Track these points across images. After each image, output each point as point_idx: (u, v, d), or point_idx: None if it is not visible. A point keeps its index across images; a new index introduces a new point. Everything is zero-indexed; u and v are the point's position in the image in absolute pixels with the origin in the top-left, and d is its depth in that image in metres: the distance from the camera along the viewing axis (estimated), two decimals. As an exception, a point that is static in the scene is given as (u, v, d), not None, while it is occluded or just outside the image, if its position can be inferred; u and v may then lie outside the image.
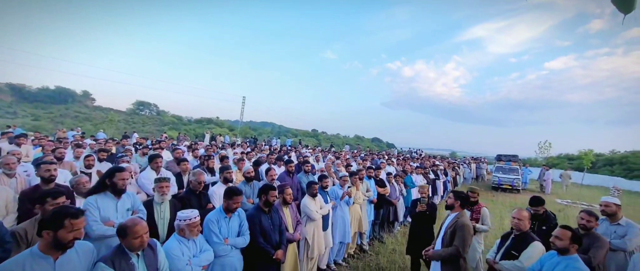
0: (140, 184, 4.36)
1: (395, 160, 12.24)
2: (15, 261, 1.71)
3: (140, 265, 2.13)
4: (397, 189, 6.58)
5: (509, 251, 2.90)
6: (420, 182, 8.02)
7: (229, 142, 17.72)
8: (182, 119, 39.84)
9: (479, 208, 4.13)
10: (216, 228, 2.83)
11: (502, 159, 16.76)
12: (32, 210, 2.98)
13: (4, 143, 6.58)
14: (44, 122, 26.33)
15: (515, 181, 14.46)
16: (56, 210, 1.86)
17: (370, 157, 13.14)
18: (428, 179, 8.84)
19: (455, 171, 12.96)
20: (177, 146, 7.79)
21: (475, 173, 17.81)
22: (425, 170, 9.27)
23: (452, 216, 3.07)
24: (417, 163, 11.21)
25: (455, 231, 2.89)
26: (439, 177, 10.09)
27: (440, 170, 10.61)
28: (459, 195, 3.10)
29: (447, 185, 10.87)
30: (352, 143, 33.95)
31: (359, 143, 38.74)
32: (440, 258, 2.96)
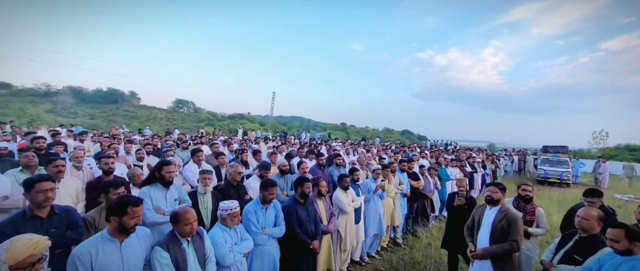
0: (185, 176, 4.70)
1: (428, 152, 11.81)
2: (89, 243, 1.96)
3: (190, 250, 2.32)
4: (431, 182, 6.37)
5: (570, 254, 2.57)
6: (457, 175, 7.68)
7: (260, 136, 18.33)
8: (217, 115, 41.89)
9: (533, 207, 3.53)
10: (254, 218, 2.97)
11: (549, 151, 15.40)
12: (96, 199, 3.37)
13: (69, 140, 7.44)
14: (99, 120, 29.28)
15: (565, 174, 13.23)
16: (120, 199, 2.08)
17: (401, 149, 12.81)
18: (465, 172, 8.43)
19: (495, 164, 12.18)
20: (214, 141, 8.24)
21: (518, 166, 16.58)
22: (461, 162, 8.84)
23: (495, 210, 2.89)
24: (452, 155, 10.72)
25: (509, 226, 2.70)
26: (476, 170, 9.57)
27: (477, 163, 10.05)
28: (504, 187, 2.92)
29: (486, 179, 10.27)
30: (381, 136, 33.31)
31: (388, 136, 37.91)
32: (494, 255, 2.75)
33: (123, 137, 9.11)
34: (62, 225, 2.37)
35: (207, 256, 2.42)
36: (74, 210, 2.55)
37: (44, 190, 2.30)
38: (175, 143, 8.40)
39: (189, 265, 2.25)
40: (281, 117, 46.84)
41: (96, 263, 1.89)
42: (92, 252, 1.90)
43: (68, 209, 2.50)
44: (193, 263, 2.29)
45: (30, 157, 3.44)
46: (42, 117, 25.41)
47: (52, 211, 2.36)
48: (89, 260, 1.88)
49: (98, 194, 3.20)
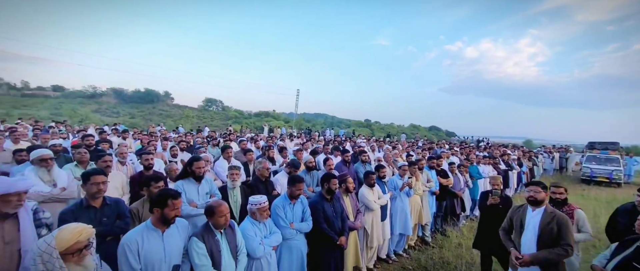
0: (216, 171, 4.93)
1: (458, 149, 11.31)
2: (136, 231, 2.14)
3: (223, 241, 2.44)
4: (461, 180, 6.12)
5: (629, 261, 2.30)
6: (489, 173, 7.29)
7: (285, 133, 18.66)
8: (243, 113, 43.22)
9: (570, 209, 3.17)
10: (282, 213, 3.05)
11: (596, 147, 14.08)
12: (139, 192, 3.65)
13: (113, 138, 8.09)
14: (138, 119, 31.46)
15: (615, 173, 12.03)
16: (161, 191, 2.25)
17: (428, 145, 12.40)
18: (498, 170, 7.98)
19: (532, 161, 11.38)
20: (242, 138, 8.54)
21: (559, 163, 15.34)
22: (495, 160, 8.37)
23: (540, 212, 2.66)
24: (484, 152, 10.18)
25: (559, 229, 2.49)
26: (511, 168, 9.02)
27: (513, 160, 9.46)
28: (546, 186, 2.70)
29: (522, 177, 9.64)
30: (407, 133, 32.45)
31: (415, 132, 36.83)
32: (545, 262, 2.54)
33: (159, 135, 9.73)
34: (112, 215, 2.60)
35: (238, 248, 2.54)
36: (122, 202, 2.79)
37: (98, 182, 2.54)
38: (206, 140, 8.83)
39: (222, 255, 2.37)
40: (305, 114, 47.26)
41: (142, 251, 2.07)
42: (138, 240, 2.08)
43: (117, 200, 2.74)
44: (226, 254, 2.41)
45: (82, 153, 3.81)
46: (90, 116, 27.87)
47: (104, 202, 2.60)
48: (136, 247, 2.05)
49: (140, 187, 3.48)
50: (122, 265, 2.02)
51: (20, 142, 5.51)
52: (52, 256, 1.46)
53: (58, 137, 6.74)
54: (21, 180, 2.10)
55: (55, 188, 3.06)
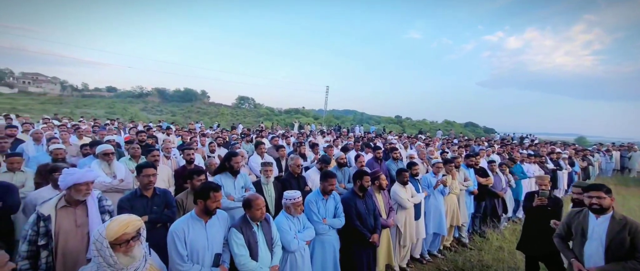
0: (250, 167, 5.14)
1: (498, 146, 10.57)
2: (182, 221, 2.33)
3: (260, 234, 2.56)
4: (503, 179, 5.73)
5: None
6: (535, 172, 6.75)
7: (315, 129, 18.84)
8: (274, 110, 44.34)
9: None
10: (315, 208, 3.11)
11: (668, 145, 12.28)
12: (183, 184, 3.95)
13: (159, 134, 8.79)
14: (178, 117, 33.77)
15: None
16: (204, 184, 2.41)
17: (464, 142, 11.74)
18: (545, 169, 7.34)
19: (587, 160, 10.28)
20: (274, 135, 8.80)
21: (620, 163, 13.65)
22: (541, 158, 7.71)
23: (606, 219, 2.38)
24: (529, 150, 9.41)
25: (634, 239, 2.23)
26: (561, 167, 8.24)
27: (563, 159, 8.63)
28: (609, 189, 2.40)
29: (573, 178, 8.77)
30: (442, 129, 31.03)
31: (449, 128, 35.05)
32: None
33: (198, 131, 10.37)
34: (161, 204, 2.86)
35: (274, 240, 2.64)
36: (169, 192, 3.04)
37: (149, 174, 2.80)
38: (240, 137, 9.23)
39: (259, 247, 2.49)
40: (334, 111, 47.24)
41: (188, 238, 2.24)
42: (185, 229, 2.26)
43: (165, 191, 2.99)
44: (262, 245, 2.53)
45: (136, 148, 4.20)
46: (138, 114, 30.52)
47: (154, 193, 2.86)
48: (183, 235, 2.23)
49: (184, 180, 3.76)
50: (171, 251, 2.21)
51: (84, 137, 6.22)
52: (103, 245, 1.62)
53: (113, 133, 7.49)
54: (89, 172, 2.38)
55: (115, 179, 3.43)
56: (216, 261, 2.30)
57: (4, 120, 9.23)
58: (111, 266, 1.64)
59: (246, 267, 2.34)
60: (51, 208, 2.27)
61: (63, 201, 2.33)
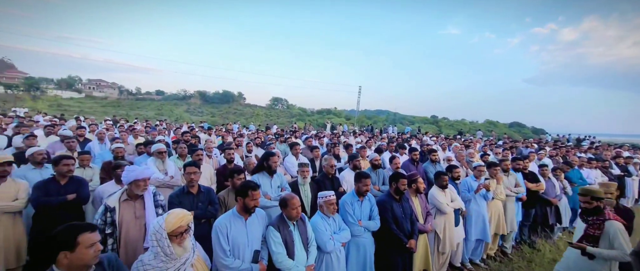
0: (286, 167, 5.28)
1: (550, 149, 9.60)
2: (225, 217, 2.47)
3: (296, 233, 2.62)
4: (556, 186, 5.20)
5: None
6: (597, 178, 6.02)
7: (347, 130, 18.75)
8: (306, 111, 44.96)
9: (599, 220, 2.62)
10: (350, 209, 3.11)
11: None
12: (224, 182, 4.19)
13: (201, 135, 9.41)
14: (217, 118, 35.79)
15: None
16: (243, 183, 2.54)
17: (510, 144, 10.84)
18: (609, 175, 6.51)
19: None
20: (307, 135, 8.94)
21: None
22: (604, 163, 6.85)
23: None
24: (589, 153, 8.41)
25: None
26: (629, 173, 7.25)
27: (635, 165, 7.58)
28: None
29: (646, 186, 7.65)
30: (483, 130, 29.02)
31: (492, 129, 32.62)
32: None
33: (236, 132, 10.91)
34: (206, 201, 3.06)
35: (309, 240, 2.69)
36: (212, 190, 3.25)
37: (193, 173, 3.02)
38: (275, 137, 9.52)
39: (295, 246, 2.55)
40: (366, 111, 46.60)
41: (230, 234, 2.38)
42: (227, 225, 2.40)
43: (209, 189, 3.21)
44: (299, 244, 2.59)
45: (183, 148, 4.55)
46: (182, 116, 32.95)
47: (199, 190, 3.08)
48: (226, 231, 2.37)
49: (225, 179, 3.98)
50: (215, 245, 2.36)
51: (139, 137, 6.88)
52: (162, 236, 1.80)
53: (162, 134, 8.18)
54: (146, 169, 2.64)
55: (166, 176, 3.75)
56: (255, 257, 2.41)
57: (74, 121, 10.56)
58: (167, 255, 1.80)
59: (283, 265, 2.41)
60: (115, 201, 2.56)
61: (125, 195, 2.61)
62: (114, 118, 14.91)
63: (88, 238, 1.52)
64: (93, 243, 1.54)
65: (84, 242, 1.50)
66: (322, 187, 3.81)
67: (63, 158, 3.10)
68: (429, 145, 7.84)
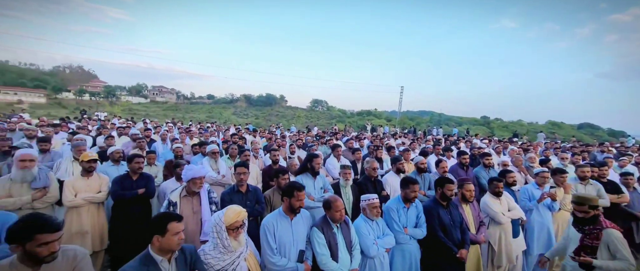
0: (327, 168, 5.33)
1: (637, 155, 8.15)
2: (272, 216, 2.59)
3: (339, 235, 2.63)
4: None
5: None
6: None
7: (388, 132, 18.24)
8: (346, 112, 44.88)
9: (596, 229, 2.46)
10: (396, 216, 3.00)
11: None
12: (269, 182, 4.40)
13: (247, 136, 9.98)
14: (261, 120, 37.62)
15: None
16: (290, 183, 2.63)
17: (580, 148, 9.46)
18: None
19: None
20: (349, 137, 8.92)
21: None
22: None
23: None
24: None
25: None
26: None
27: None
28: None
29: None
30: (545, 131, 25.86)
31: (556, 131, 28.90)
32: None
33: (279, 134, 11.33)
34: (253, 199, 3.24)
35: (353, 244, 2.68)
36: (259, 189, 3.43)
37: (242, 173, 3.22)
38: (315, 138, 9.67)
39: (339, 248, 2.56)
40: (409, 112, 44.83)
41: (276, 233, 2.48)
42: (274, 224, 2.51)
43: (256, 188, 3.39)
44: (342, 247, 2.59)
45: (233, 148, 4.88)
46: (230, 118, 35.34)
47: (248, 189, 3.27)
48: (273, 229, 2.48)
49: (270, 179, 4.17)
50: (263, 243, 2.48)
51: (194, 138, 7.56)
52: (222, 228, 1.98)
53: (214, 135, 8.86)
54: (202, 168, 2.90)
55: (218, 174, 4.07)
56: (300, 257, 2.47)
57: (141, 124, 11.99)
58: (225, 247, 1.98)
59: (327, 267, 2.44)
60: (177, 196, 2.85)
61: (184, 191, 2.90)
62: (172, 120, 16.59)
63: (175, 227, 1.77)
64: (178, 232, 1.78)
65: (171, 229, 1.75)
66: (364, 190, 3.76)
67: (135, 157, 3.55)
68: (480, 148, 7.24)
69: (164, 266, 1.77)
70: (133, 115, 26.98)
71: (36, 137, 5.00)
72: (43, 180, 3.04)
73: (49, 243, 1.53)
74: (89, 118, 15.04)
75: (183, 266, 1.85)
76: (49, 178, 3.15)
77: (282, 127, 18.10)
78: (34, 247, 1.51)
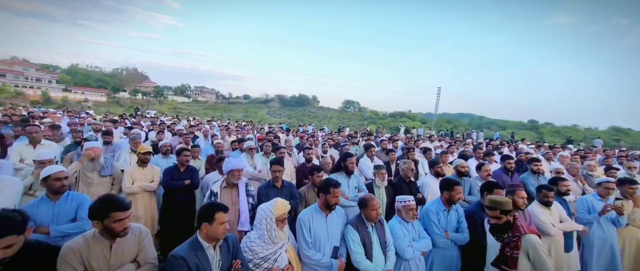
0: (360, 168, 5.29)
1: None
2: (307, 211, 2.64)
3: (374, 235, 2.60)
4: None
5: None
6: None
7: (423, 134, 17.55)
8: (378, 114, 44.12)
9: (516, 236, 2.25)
10: (436, 219, 2.89)
11: None
12: (302, 179, 4.49)
13: (280, 134, 10.28)
14: (293, 119, 38.46)
15: None
16: (326, 180, 2.67)
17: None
18: None
19: None
20: (383, 138, 8.77)
21: None
22: None
23: None
24: None
25: None
26: None
27: None
28: None
29: None
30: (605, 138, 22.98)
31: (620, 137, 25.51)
32: None
33: (311, 133, 11.50)
34: (288, 195, 3.33)
35: (387, 244, 2.63)
36: (294, 185, 3.52)
37: (278, 170, 3.33)
38: (347, 139, 9.64)
39: (373, 247, 2.53)
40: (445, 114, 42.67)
41: (312, 227, 2.52)
42: (309, 218, 2.55)
43: (291, 184, 3.48)
44: (376, 247, 2.56)
45: (268, 146, 5.07)
46: (264, 117, 36.66)
47: (283, 184, 3.38)
48: (308, 224, 2.53)
49: (304, 176, 4.26)
50: (299, 236, 2.54)
51: (232, 135, 7.98)
52: (271, 219, 2.10)
53: (250, 133, 9.26)
54: (240, 161, 3.08)
55: (255, 170, 4.25)
56: (335, 253, 2.49)
57: (186, 121, 12.93)
58: (271, 238, 2.11)
59: (361, 265, 2.43)
60: (218, 187, 3.04)
61: (224, 183, 3.08)
62: (212, 119, 17.65)
63: (221, 216, 1.92)
64: (224, 222, 1.93)
65: (218, 219, 1.91)
66: (398, 191, 3.67)
67: (183, 151, 3.85)
68: (528, 154, 6.67)
69: (210, 252, 1.93)
70: (178, 113, 29.20)
71: (101, 130, 5.66)
72: (109, 169, 3.43)
73: (122, 220, 1.78)
74: (141, 115, 16.60)
75: (226, 254, 1.99)
76: (114, 167, 3.55)
77: (314, 127, 18.32)
78: (111, 223, 1.75)
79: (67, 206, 2.41)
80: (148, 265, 1.93)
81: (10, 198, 2.16)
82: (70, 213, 2.41)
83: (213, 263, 1.92)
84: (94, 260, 1.76)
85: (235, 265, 1.99)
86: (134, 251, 1.91)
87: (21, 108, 14.99)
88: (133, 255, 1.90)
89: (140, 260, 1.92)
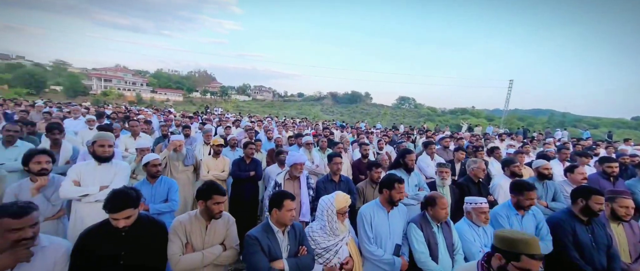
0: (420, 166, 5.03)
1: None
2: (368, 206, 2.61)
3: (440, 235, 2.45)
4: None
5: None
6: None
7: (492, 132, 15.76)
8: (436, 110, 41.17)
9: None
10: (506, 223, 2.60)
11: None
12: (358, 175, 4.46)
13: (335, 131, 10.38)
14: (346, 116, 38.46)
15: None
16: (389, 176, 2.59)
17: None
18: None
19: None
20: (444, 136, 8.16)
21: None
22: None
23: None
24: None
25: None
26: None
27: None
28: None
29: None
30: None
31: None
32: None
33: (364, 129, 11.33)
34: (346, 189, 3.35)
35: (455, 247, 2.45)
36: (351, 180, 3.53)
37: (337, 163, 3.37)
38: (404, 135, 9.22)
39: (439, 249, 2.38)
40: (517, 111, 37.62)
41: (373, 222, 2.50)
42: (371, 213, 2.53)
43: (348, 179, 3.50)
44: (443, 248, 2.40)
45: (323, 141, 5.17)
46: (318, 114, 37.49)
47: (340, 179, 3.41)
48: (369, 219, 2.51)
49: (360, 172, 4.23)
50: (361, 230, 2.53)
51: (289, 131, 8.36)
52: (333, 211, 2.15)
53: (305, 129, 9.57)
54: (302, 156, 3.21)
55: (313, 164, 4.39)
56: (397, 251, 2.42)
57: (247, 118, 14.00)
58: (332, 230, 2.17)
59: (426, 266, 2.31)
60: (282, 178, 3.21)
61: (288, 175, 3.24)
62: (270, 115, 18.77)
63: (289, 204, 2.06)
64: (291, 209, 2.06)
65: (286, 206, 2.05)
66: (466, 192, 3.37)
67: (249, 144, 4.18)
68: (635, 156, 5.46)
69: (279, 236, 2.08)
70: (240, 110, 31.84)
71: (182, 125, 6.52)
72: (191, 159, 3.93)
73: (219, 203, 2.06)
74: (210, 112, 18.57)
75: (293, 240, 2.12)
76: (195, 158, 4.05)
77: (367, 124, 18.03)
78: (212, 204, 2.04)
79: (161, 189, 2.87)
80: (232, 250, 2.17)
81: (124, 179, 2.65)
82: (163, 194, 2.87)
83: (282, 246, 2.07)
84: (194, 235, 2.07)
85: (301, 250, 2.10)
86: (223, 234, 2.16)
87: (123, 107, 18.31)
88: (221, 238, 2.16)
89: (227, 243, 2.18)
